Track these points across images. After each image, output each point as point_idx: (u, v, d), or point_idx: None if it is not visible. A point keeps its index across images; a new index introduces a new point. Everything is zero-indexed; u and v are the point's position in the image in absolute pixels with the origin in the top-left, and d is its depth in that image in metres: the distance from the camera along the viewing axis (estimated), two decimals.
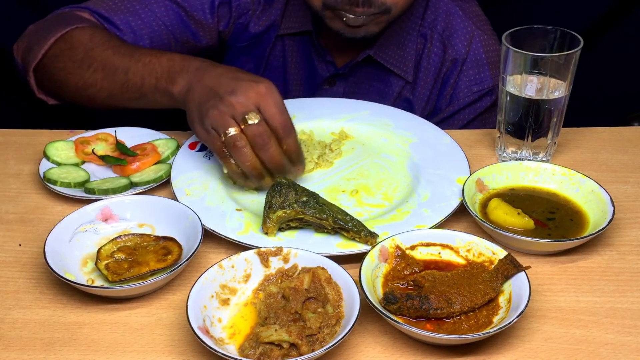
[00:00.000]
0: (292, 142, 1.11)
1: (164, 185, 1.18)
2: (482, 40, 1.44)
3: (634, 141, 1.31)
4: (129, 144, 1.26)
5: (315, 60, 1.49)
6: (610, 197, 1.07)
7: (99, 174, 1.21)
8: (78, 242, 1.03)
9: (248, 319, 0.93)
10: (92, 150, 1.24)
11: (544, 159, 1.23)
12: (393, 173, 1.22)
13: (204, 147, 1.24)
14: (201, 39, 1.46)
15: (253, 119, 1.08)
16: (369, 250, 0.98)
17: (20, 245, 1.08)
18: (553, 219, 1.08)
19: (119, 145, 1.24)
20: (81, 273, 1.00)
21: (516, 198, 1.12)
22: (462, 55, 1.43)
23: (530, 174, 1.15)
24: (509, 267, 0.95)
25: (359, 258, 0.97)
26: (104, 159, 1.22)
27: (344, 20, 1.30)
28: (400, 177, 1.21)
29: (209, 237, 1.06)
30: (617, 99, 1.94)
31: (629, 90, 1.93)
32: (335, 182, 1.20)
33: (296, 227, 1.07)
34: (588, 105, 1.64)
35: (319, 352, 0.84)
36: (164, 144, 1.26)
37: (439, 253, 1.01)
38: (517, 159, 1.22)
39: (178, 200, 1.10)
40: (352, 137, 1.31)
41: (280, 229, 1.06)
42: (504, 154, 1.24)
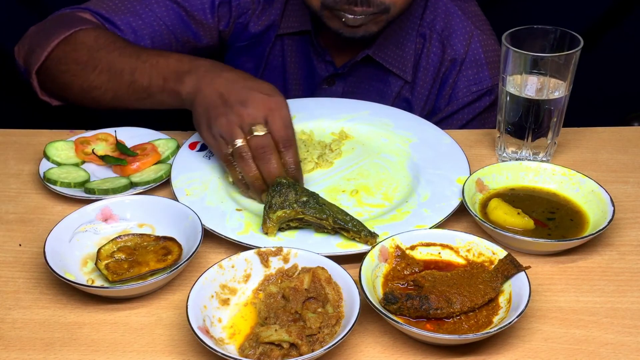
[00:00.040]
0: (291, 156, 1.11)
1: (164, 185, 1.18)
2: (481, 40, 1.44)
3: (634, 141, 1.31)
4: (129, 144, 1.26)
5: (315, 60, 1.49)
6: (610, 197, 1.07)
7: (99, 174, 1.21)
8: (78, 242, 1.03)
9: (248, 319, 0.93)
10: (92, 150, 1.24)
11: (544, 159, 1.23)
12: (393, 173, 1.22)
13: (204, 147, 1.24)
14: (202, 39, 1.46)
15: (259, 131, 1.09)
16: (369, 250, 0.98)
17: (20, 245, 1.08)
18: (553, 219, 1.08)
19: (119, 145, 1.24)
20: (81, 273, 1.00)
21: (516, 198, 1.12)
22: (461, 55, 1.43)
23: (530, 174, 1.15)
24: (509, 267, 0.95)
25: (359, 258, 0.97)
26: (104, 159, 1.22)
27: (343, 20, 1.30)
28: (400, 177, 1.21)
29: (209, 237, 1.06)
30: (617, 99, 1.94)
31: (629, 90, 1.93)
32: (335, 182, 1.20)
33: (296, 227, 1.07)
34: (588, 105, 1.64)
35: (319, 352, 0.84)
36: (164, 144, 1.26)
37: (439, 253, 1.01)
38: (517, 159, 1.22)
39: (178, 200, 1.10)
40: (352, 137, 1.31)
41: (280, 229, 1.06)
42: (504, 154, 1.24)
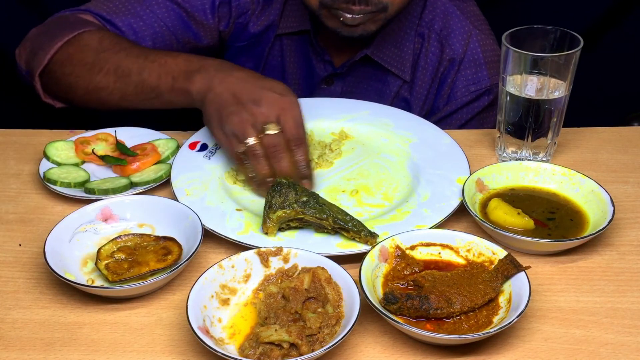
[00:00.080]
0: (302, 155, 1.12)
1: (164, 185, 1.18)
2: (480, 39, 1.44)
3: (634, 141, 1.31)
4: (129, 144, 1.26)
5: (313, 60, 1.49)
6: (610, 197, 1.07)
7: (99, 174, 1.21)
8: (78, 242, 1.03)
9: (248, 319, 0.93)
10: (92, 150, 1.24)
11: (544, 159, 1.23)
12: (393, 173, 1.22)
13: (204, 147, 1.24)
14: (202, 39, 1.46)
15: (272, 130, 1.10)
16: (369, 250, 0.98)
17: (20, 245, 1.08)
18: (553, 219, 1.08)
19: (119, 145, 1.24)
20: (81, 273, 1.00)
21: (516, 198, 1.12)
22: (459, 54, 1.43)
23: (530, 174, 1.15)
24: (509, 267, 0.95)
25: (359, 258, 0.97)
26: (104, 159, 1.22)
27: (341, 19, 1.30)
28: (400, 177, 1.21)
29: (209, 237, 1.06)
30: (617, 99, 1.94)
31: (629, 90, 1.93)
32: (335, 182, 1.20)
33: (296, 227, 1.07)
34: (588, 105, 1.64)
35: (319, 352, 0.84)
36: (164, 144, 1.26)
37: (439, 253, 1.01)
38: (517, 159, 1.22)
39: (178, 200, 1.10)
40: (352, 137, 1.31)
41: (280, 229, 1.06)
42: (504, 154, 1.24)
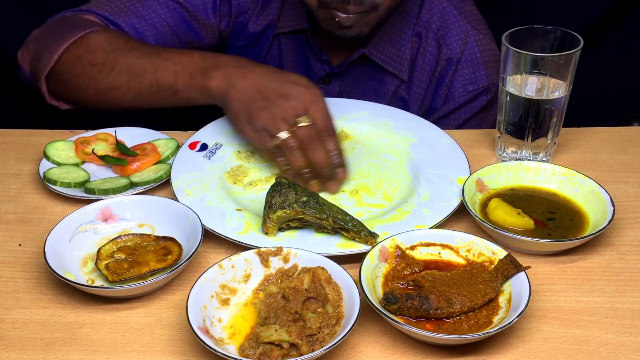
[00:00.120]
0: (333, 144, 1.16)
1: (164, 185, 1.18)
2: (477, 39, 1.43)
3: (634, 141, 1.31)
4: (129, 144, 1.26)
5: (311, 59, 1.49)
6: (610, 197, 1.07)
7: (99, 174, 1.21)
8: (78, 242, 1.03)
9: (248, 319, 0.93)
10: (92, 150, 1.24)
11: (544, 159, 1.23)
12: (393, 173, 1.22)
13: (204, 147, 1.24)
14: (203, 38, 1.46)
15: (304, 122, 1.13)
16: (369, 250, 0.98)
17: (20, 245, 1.08)
18: (553, 219, 1.08)
19: (119, 145, 1.24)
20: (81, 273, 1.00)
21: (516, 198, 1.12)
22: (457, 54, 1.43)
23: (530, 174, 1.15)
24: (509, 267, 0.95)
25: (359, 258, 0.97)
26: (104, 159, 1.22)
27: (337, 19, 1.30)
28: (400, 177, 1.21)
29: (209, 237, 1.06)
30: (617, 99, 1.94)
31: (629, 90, 1.93)
32: None
33: (296, 227, 1.07)
34: (588, 105, 1.64)
35: (319, 352, 0.84)
36: (164, 144, 1.26)
37: (439, 253, 1.01)
38: (517, 159, 1.22)
39: (178, 200, 1.10)
40: (352, 137, 1.31)
41: (280, 229, 1.06)
42: (504, 154, 1.24)
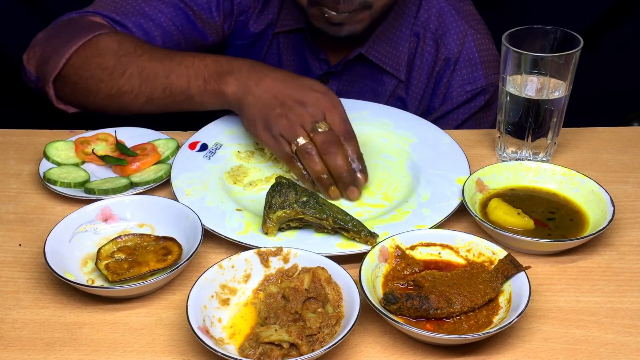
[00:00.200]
0: (353, 147, 1.15)
1: (164, 185, 1.18)
2: (475, 39, 1.43)
3: (634, 141, 1.31)
4: (129, 144, 1.26)
5: (309, 58, 1.49)
6: (610, 197, 1.07)
7: (99, 174, 1.21)
8: (78, 242, 1.03)
9: (248, 319, 0.93)
10: (92, 150, 1.24)
11: (544, 159, 1.23)
12: (393, 173, 1.22)
13: (204, 147, 1.24)
14: (207, 38, 1.46)
15: (323, 128, 1.13)
16: (369, 250, 0.98)
17: (20, 245, 1.08)
18: (553, 219, 1.08)
19: (119, 145, 1.24)
20: (81, 273, 1.00)
21: (516, 198, 1.12)
22: (454, 54, 1.43)
23: (530, 174, 1.15)
24: (509, 267, 0.95)
25: (359, 258, 0.97)
26: (104, 159, 1.22)
27: (326, 16, 1.30)
28: (400, 177, 1.21)
29: (209, 237, 1.06)
30: (617, 99, 1.94)
31: (629, 91, 1.93)
32: None
33: (296, 227, 1.07)
34: (588, 105, 1.64)
35: (319, 352, 0.84)
36: (164, 144, 1.26)
37: (439, 253, 1.01)
38: (517, 159, 1.22)
39: (178, 200, 1.10)
40: None
41: (280, 229, 1.06)
42: (504, 154, 1.24)
